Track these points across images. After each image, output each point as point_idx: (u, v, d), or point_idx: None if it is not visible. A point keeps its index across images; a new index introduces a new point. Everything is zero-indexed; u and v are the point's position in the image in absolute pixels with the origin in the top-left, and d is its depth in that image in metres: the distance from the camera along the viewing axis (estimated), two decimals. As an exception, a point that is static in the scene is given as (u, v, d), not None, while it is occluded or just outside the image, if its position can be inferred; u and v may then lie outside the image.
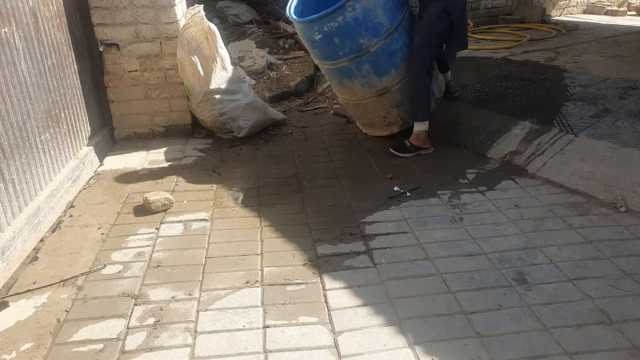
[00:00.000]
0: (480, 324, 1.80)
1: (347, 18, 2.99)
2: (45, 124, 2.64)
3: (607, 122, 3.22)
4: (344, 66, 3.21)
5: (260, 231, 2.45)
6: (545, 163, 2.98)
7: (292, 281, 2.06)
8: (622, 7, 8.40)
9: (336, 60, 3.20)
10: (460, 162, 3.18)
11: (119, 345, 1.73)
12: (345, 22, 3.00)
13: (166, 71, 3.52)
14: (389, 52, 3.15)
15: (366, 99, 3.35)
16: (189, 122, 3.69)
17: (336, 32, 3.04)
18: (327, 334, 1.78)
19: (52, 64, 2.76)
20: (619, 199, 2.57)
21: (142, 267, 2.17)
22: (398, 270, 2.12)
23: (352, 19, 3.00)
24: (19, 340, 1.76)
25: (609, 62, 4.60)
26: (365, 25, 3.04)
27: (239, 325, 1.82)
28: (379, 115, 3.43)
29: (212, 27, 3.41)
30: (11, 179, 2.27)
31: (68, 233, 2.45)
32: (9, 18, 2.34)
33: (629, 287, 1.97)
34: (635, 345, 1.69)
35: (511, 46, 5.35)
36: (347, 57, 3.15)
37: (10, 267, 2.14)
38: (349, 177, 3.02)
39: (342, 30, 3.03)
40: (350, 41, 3.08)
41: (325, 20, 3.00)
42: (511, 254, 2.21)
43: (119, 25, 3.35)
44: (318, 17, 3.00)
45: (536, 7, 6.90)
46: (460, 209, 2.60)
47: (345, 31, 3.04)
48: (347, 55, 3.14)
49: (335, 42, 3.09)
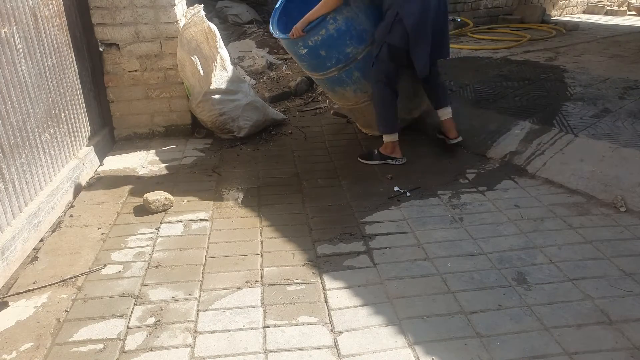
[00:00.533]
0: (480, 324, 1.80)
1: (329, 30, 2.98)
2: (45, 124, 2.64)
3: (607, 122, 3.22)
4: (333, 76, 3.20)
5: (260, 231, 2.45)
6: (545, 163, 2.98)
7: (292, 281, 2.06)
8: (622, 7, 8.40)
9: (325, 71, 3.19)
10: (460, 162, 3.18)
11: (119, 345, 1.73)
12: (328, 34, 3.00)
13: (166, 71, 3.52)
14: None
15: (360, 103, 3.35)
16: (189, 122, 3.69)
17: (321, 45, 3.04)
18: (327, 334, 1.78)
19: (52, 64, 2.76)
20: (619, 199, 2.57)
21: (142, 267, 2.17)
22: (398, 270, 2.12)
23: (335, 31, 2.99)
24: (19, 340, 1.76)
25: (609, 62, 4.60)
26: (349, 34, 3.03)
27: (239, 325, 1.82)
28: (374, 117, 3.43)
29: (212, 27, 3.41)
30: (11, 179, 2.27)
31: (68, 233, 2.45)
32: (8, 18, 2.34)
33: (629, 287, 1.97)
34: (635, 345, 1.69)
35: (511, 46, 5.35)
36: (335, 67, 3.15)
37: (10, 267, 2.14)
38: (349, 177, 3.02)
39: (327, 43, 3.03)
40: (336, 52, 3.08)
41: (308, 35, 3.00)
42: (511, 254, 2.21)
43: (119, 25, 3.35)
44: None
45: (536, 7, 6.91)
46: (460, 209, 2.60)
47: (330, 43, 3.03)
48: (335, 66, 3.14)
49: (321, 55, 3.10)
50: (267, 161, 3.30)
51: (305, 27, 2.99)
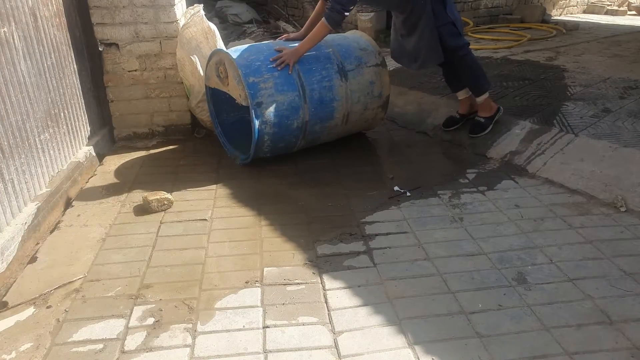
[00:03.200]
0: (480, 324, 1.80)
1: (264, 138, 2.97)
2: (44, 124, 2.64)
3: (607, 122, 3.21)
4: (314, 133, 3.17)
5: (260, 231, 2.44)
6: (545, 163, 2.98)
7: (292, 281, 2.06)
8: (622, 7, 8.39)
9: (299, 143, 3.18)
10: (461, 162, 3.18)
11: (118, 345, 1.73)
12: (270, 134, 2.97)
13: (166, 71, 3.52)
14: (320, 104, 3.08)
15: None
16: (188, 122, 3.69)
17: (274, 139, 3.02)
18: (327, 334, 1.77)
19: (51, 63, 2.76)
20: (619, 199, 2.57)
21: (142, 267, 2.16)
22: (398, 270, 2.11)
23: (271, 134, 2.97)
24: (18, 340, 1.76)
25: (609, 62, 4.60)
26: (284, 120, 2.97)
27: (238, 325, 1.82)
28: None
29: (211, 27, 3.41)
30: (10, 179, 2.26)
31: (67, 233, 2.45)
32: (8, 18, 2.34)
33: (629, 287, 1.97)
34: (635, 345, 1.69)
35: (511, 46, 5.35)
36: (304, 139, 3.15)
37: (9, 267, 2.13)
38: (349, 177, 3.02)
39: (276, 137, 3.01)
40: (291, 136, 3.07)
41: (257, 145, 2.99)
42: (511, 254, 2.21)
43: (118, 25, 3.34)
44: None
45: (536, 6, 6.91)
46: (461, 209, 2.60)
47: (279, 135, 3.02)
48: (304, 139, 3.15)
49: (285, 138, 3.07)
50: (266, 161, 3.29)
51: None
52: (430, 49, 3.12)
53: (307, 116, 3.04)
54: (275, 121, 2.95)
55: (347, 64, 3.16)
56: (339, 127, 3.25)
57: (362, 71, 3.20)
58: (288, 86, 2.97)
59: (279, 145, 3.09)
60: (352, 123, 3.30)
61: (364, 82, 3.22)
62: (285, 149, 3.17)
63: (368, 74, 3.23)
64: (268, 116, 2.92)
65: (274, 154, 3.15)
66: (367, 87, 3.24)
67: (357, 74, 3.18)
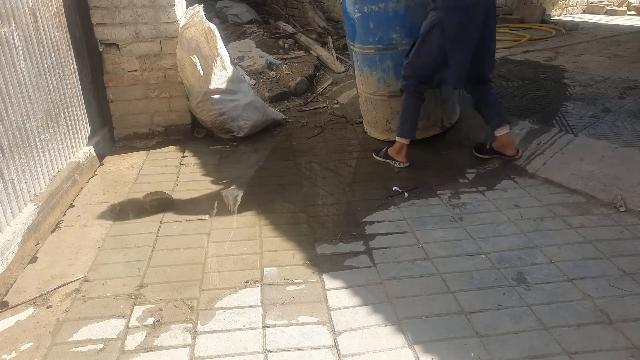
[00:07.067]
0: (480, 323, 1.80)
1: (388, 7, 3.06)
2: (44, 124, 2.64)
3: (606, 122, 3.22)
4: (369, 54, 3.26)
5: (260, 230, 2.44)
6: (545, 163, 2.98)
7: (292, 281, 2.06)
8: (621, 7, 8.39)
9: (364, 45, 3.26)
10: (460, 162, 3.18)
11: (118, 345, 1.73)
12: (385, 10, 3.07)
13: (166, 71, 3.52)
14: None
15: (378, 95, 3.39)
16: (188, 122, 3.69)
17: (374, 16, 3.11)
18: (327, 333, 1.77)
19: (51, 63, 2.76)
20: (618, 199, 2.57)
21: (142, 266, 2.17)
22: (398, 270, 2.11)
23: (393, 11, 3.07)
24: (18, 340, 1.76)
25: (609, 62, 4.60)
26: (402, 22, 3.09)
27: (238, 325, 1.82)
28: (384, 116, 3.44)
29: (211, 27, 3.41)
30: (10, 179, 2.26)
31: (68, 233, 2.45)
32: (8, 18, 2.34)
33: (628, 287, 1.97)
34: (635, 345, 1.69)
35: (511, 46, 5.35)
36: (374, 45, 3.20)
37: (10, 267, 2.13)
38: (348, 177, 3.02)
39: (379, 17, 3.10)
40: (382, 31, 3.14)
41: (368, 1, 3.07)
42: (511, 254, 2.21)
43: (118, 25, 3.35)
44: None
45: (536, 6, 6.91)
46: (460, 209, 2.60)
47: (382, 19, 3.10)
48: (375, 44, 3.20)
49: (369, 27, 3.15)
50: (266, 161, 3.30)
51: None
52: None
53: (399, 47, 3.15)
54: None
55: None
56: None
57: None
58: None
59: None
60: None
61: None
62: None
63: None
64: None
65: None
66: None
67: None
